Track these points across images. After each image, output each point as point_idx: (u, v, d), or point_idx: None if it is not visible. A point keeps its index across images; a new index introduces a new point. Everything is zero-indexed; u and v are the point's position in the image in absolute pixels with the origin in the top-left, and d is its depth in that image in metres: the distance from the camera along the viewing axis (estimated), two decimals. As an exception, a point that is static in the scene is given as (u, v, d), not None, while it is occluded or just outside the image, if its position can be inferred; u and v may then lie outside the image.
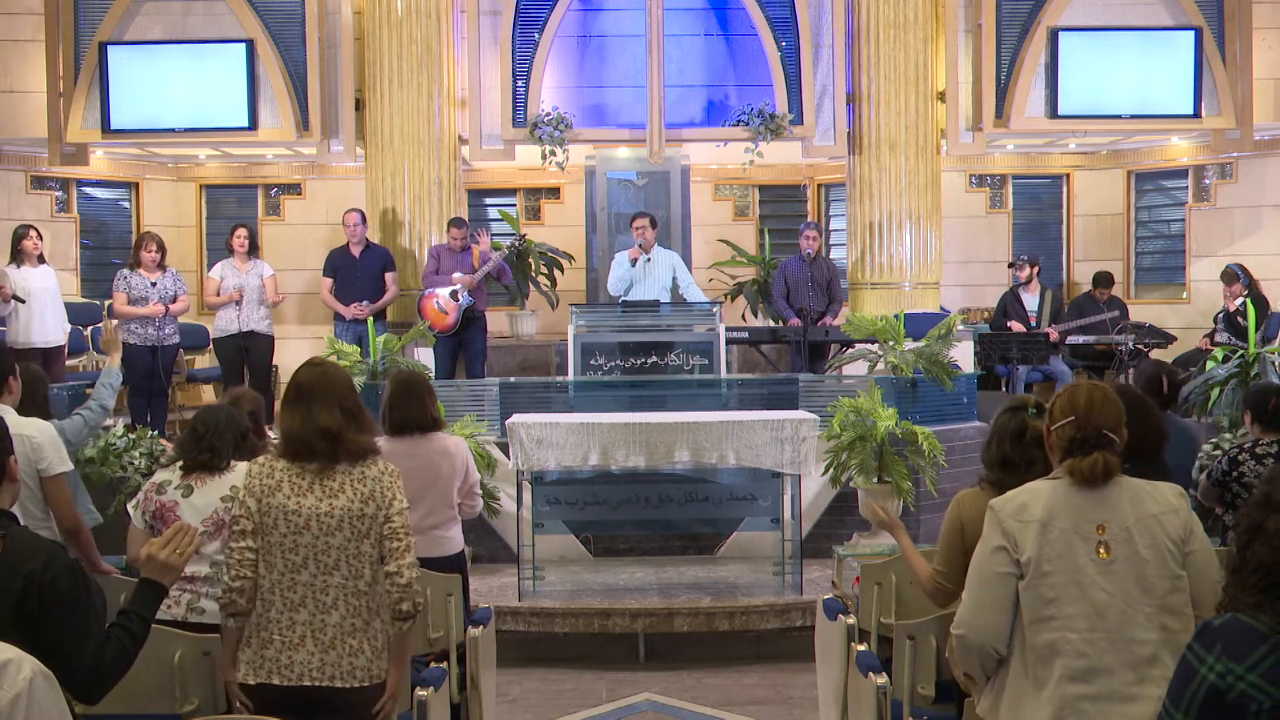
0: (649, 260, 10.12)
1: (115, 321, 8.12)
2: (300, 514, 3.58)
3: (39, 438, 4.85)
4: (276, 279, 10.26)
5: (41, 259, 9.76)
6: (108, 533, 5.77)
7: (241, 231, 10.21)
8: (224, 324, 9.97)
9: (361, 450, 3.67)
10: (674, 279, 10.17)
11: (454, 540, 5.46)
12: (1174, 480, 3.53)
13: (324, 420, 3.61)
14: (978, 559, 3.17)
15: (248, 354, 9.92)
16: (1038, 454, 3.89)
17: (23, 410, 5.07)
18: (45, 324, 9.63)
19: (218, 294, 10.00)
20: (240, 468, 4.46)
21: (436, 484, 5.38)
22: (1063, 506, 3.10)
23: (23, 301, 9.40)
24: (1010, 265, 11.34)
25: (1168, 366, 6.51)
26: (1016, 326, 10.81)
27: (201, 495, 4.46)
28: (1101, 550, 3.04)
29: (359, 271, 10.30)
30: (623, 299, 9.97)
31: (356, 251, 10.35)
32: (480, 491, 5.80)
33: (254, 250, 10.19)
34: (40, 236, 9.77)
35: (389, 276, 10.37)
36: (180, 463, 4.58)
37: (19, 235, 9.65)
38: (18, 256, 9.63)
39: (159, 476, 4.64)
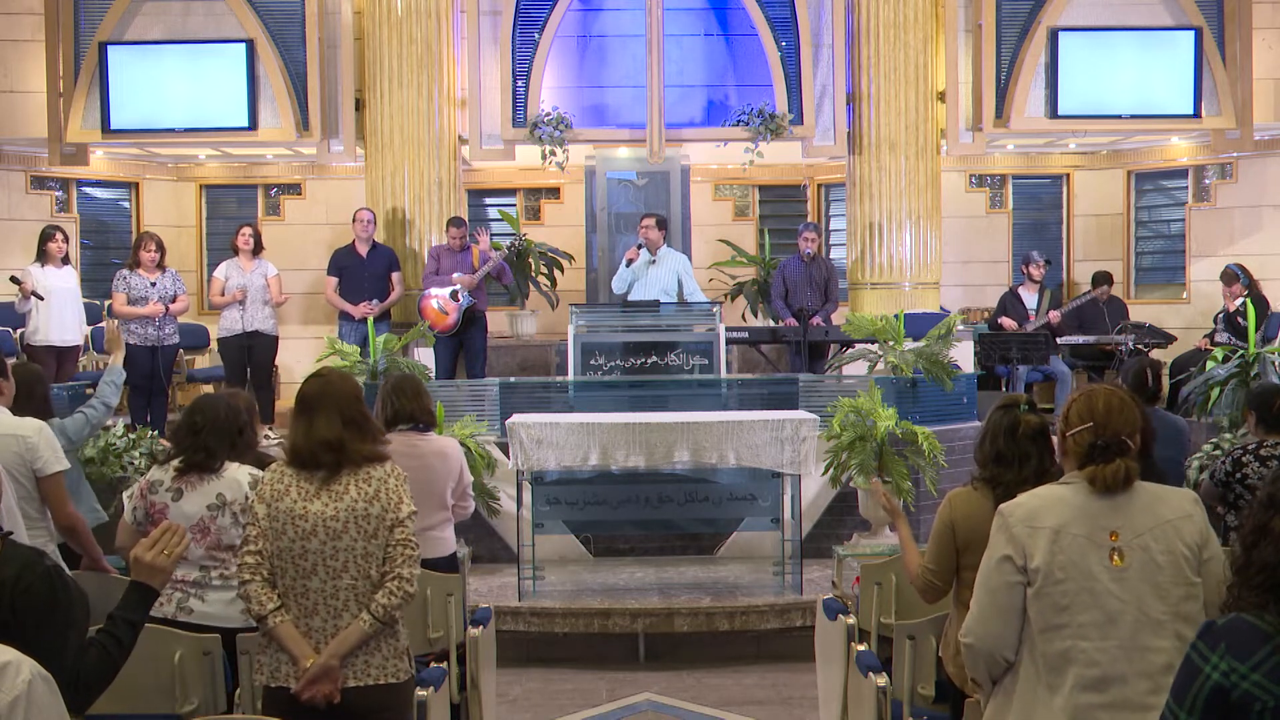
0: (653, 261, 10.11)
1: (117, 321, 8.17)
2: (307, 519, 3.61)
3: (34, 437, 4.82)
4: (281, 279, 10.26)
5: (65, 260, 10.00)
6: (109, 532, 5.77)
7: (246, 230, 10.22)
8: (228, 324, 9.98)
9: (366, 458, 3.69)
10: (679, 284, 10.15)
11: (448, 541, 5.44)
12: (1162, 471, 3.50)
13: (324, 433, 3.66)
14: (984, 567, 3.11)
15: (251, 353, 9.92)
16: (1031, 449, 3.89)
17: (22, 409, 5.06)
18: (64, 323, 9.82)
19: (222, 294, 10.01)
20: (230, 471, 4.46)
21: (432, 484, 5.36)
22: (1076, 513, 3.02)
23: (41, 298, 9.55)
24: (1026, 262, 11.18)
25: (1152, 360, 6.56)
26: (1008, 324, 10.79)
27: (190, 501, 4.42)
28: (1115, 557, 2.97)
29: (365, 271, 10.30)
30: (624, 298, 9.98)
31: (363, 250, 10.34)
32: (473, 493, 5.80)
33: (259, 249, 10.20)
34: (66, 239, 10.02)
35: (394, 276, 10.36)
36: (175, 461, 4.56)
37: (46, 236, 9.91)
38: (42, 256, 9.84)
39: (153, 475, 4.62)
